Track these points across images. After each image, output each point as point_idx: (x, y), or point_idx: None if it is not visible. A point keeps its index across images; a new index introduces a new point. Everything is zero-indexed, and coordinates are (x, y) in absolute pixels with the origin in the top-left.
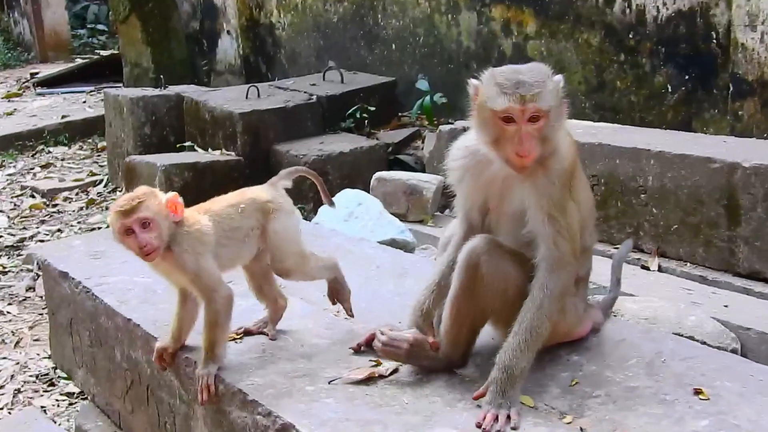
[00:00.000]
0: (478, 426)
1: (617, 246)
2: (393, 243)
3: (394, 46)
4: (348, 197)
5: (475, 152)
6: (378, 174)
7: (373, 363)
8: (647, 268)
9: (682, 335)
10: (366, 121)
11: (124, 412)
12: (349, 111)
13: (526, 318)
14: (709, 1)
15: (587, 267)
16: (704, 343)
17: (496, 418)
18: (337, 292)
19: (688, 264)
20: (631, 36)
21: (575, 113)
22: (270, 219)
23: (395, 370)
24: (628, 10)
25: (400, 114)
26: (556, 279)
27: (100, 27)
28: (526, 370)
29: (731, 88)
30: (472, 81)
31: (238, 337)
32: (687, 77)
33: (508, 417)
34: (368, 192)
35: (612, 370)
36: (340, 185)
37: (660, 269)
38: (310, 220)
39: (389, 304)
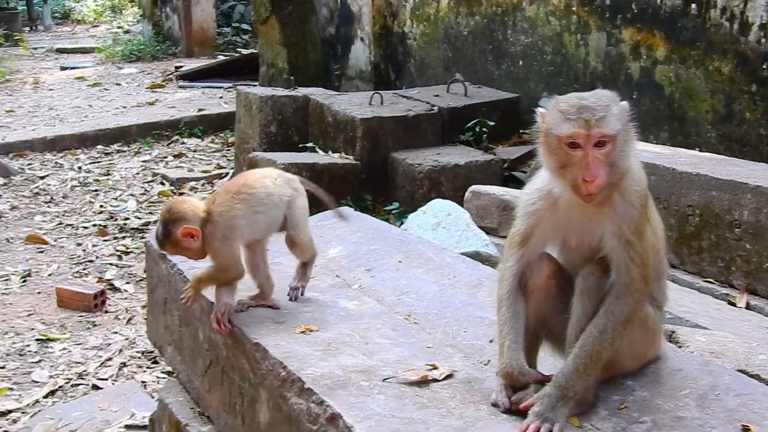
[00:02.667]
0: None
1: (707, 279)
2: (476, 255)
3: (521, 62)
4: (437, 207)
5: (549, 193)
6: (473, 187)
7: (429, 367)
8: (734, 304)
9: (746, 372)
10: (485, 136)
11: (202, 390)
12: (469, 124)
13: (588, 342)
14: None
15: (663, 294)
16: None
17: (538, 431)
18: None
19: None
20: (764, 66)
21: (700, 143)
22: (294, 195)
23: (449, 376)
24: (763, 40)
25: (521, 131)
26: (622, 305)
27: (245, 26)
28: (580, 393)
29: None
30: (540, 109)
31: (309, 329)
32: None
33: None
34: (462, 204)
35: (663, 398)
36: (452, 197)
37: (748, 306)
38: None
39: (459, 313)
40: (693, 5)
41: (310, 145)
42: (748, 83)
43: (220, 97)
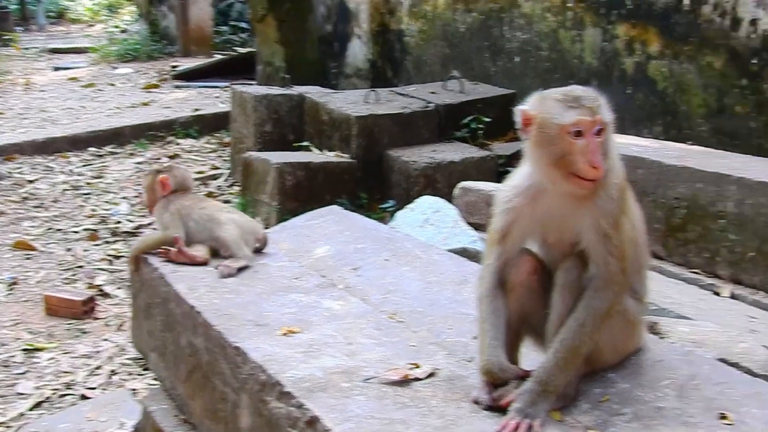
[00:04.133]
0: None
1: (694, 270)
2: (464, 252)
3: (517, 59)
4: (426, 204)
5: (527, 189)
6: (462, 183)
7: (411, 366)
8: (719, 294)
9: (726, 361)
10: (481, 132)
11: (186, 397)
12: (465, 121)
13: (567, 336)
14: None
15: (644, 286)
16: (749, 370)
17: (518, 427)
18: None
19: (761, 293)
20: (754, 61)
21: (692, 136)
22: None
23: (432, 374)
24: (753, 35)
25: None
26: (602, 298)
27: (243, 25)
28: (561, 387)
29: None
30: (519, 108)
31: (291, 331)
32: None
33: (530, 427)
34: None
35: (644, 389)
36: (448, 194)
37: (732, 296)
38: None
39: (444, 311)
40: (686, 1)
41: (305, 143)
42: (739, 78)
43: (217, 97)
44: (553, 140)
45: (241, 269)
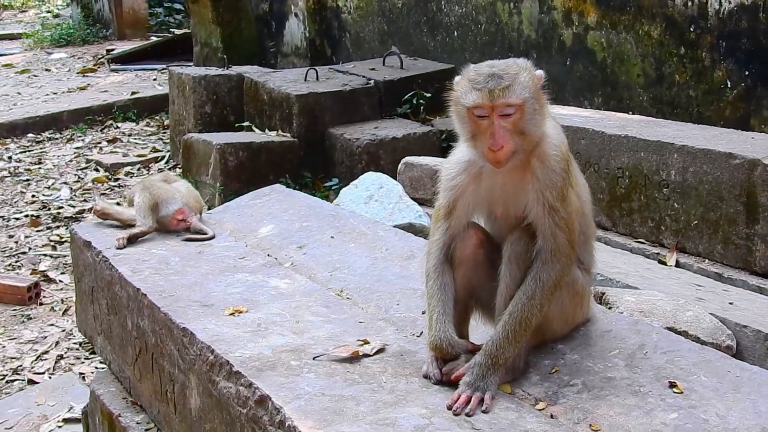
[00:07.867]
0: (449, 407)
1: (639, 239)
2: (410, 227)
3: (456, 33)
4: (369, 180)
5: (470, 164)
6: (406, 159)
7: (360, 342)
8: (664, 263)
9: (674, 329)
10: (422, 108)
11: (134, 379)
12: (406, 97)
13: (517, 308)
14: None
15: (591, 257)
16: (697, 338)
17: (469, 401)
18: None
19: (706, 260)
20: (692, 29)
21: (633, 106)
22: None
23: (381, 350)
24: (690, 3)
25: None
26: (550, 270)
27: (177, 6)
28: (510, 360)
29: None
30: (456, 78)
31: (238, 311)
32: (747, 73)
33: (482, 400)
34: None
35: (593, 360)
36: (391, 170)
37: (678, 265)
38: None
39: (392, 286)
40: None
41: (246, 124)
42: (677, 46)
43: (154, 80)
44: (464, 119)
45: (132, 238)
